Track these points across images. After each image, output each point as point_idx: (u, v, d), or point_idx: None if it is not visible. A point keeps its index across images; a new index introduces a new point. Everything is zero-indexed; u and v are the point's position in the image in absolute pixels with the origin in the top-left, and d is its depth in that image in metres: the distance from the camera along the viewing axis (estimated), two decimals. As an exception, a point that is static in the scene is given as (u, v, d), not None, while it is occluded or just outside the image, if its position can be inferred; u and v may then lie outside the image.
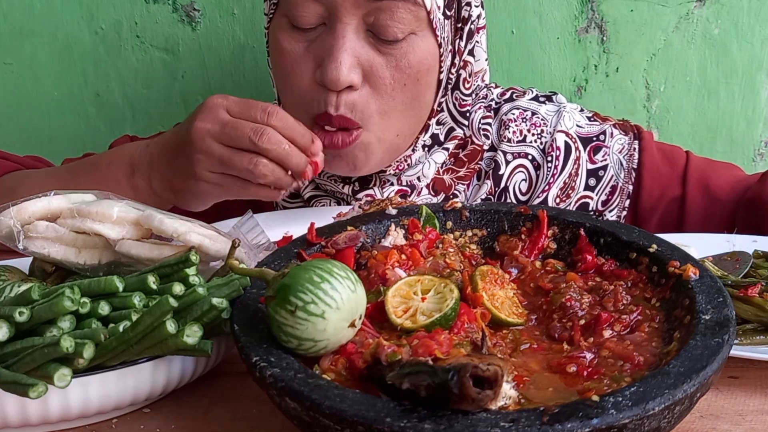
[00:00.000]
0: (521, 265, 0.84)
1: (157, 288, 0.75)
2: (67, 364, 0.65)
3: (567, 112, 1.25)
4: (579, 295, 0.77)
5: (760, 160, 1.65)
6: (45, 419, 0.68)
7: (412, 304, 0.72)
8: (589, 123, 1.26)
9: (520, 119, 1.24)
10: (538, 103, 1.27)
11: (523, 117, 1.25)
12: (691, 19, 1.57)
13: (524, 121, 1.24)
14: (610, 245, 0.82)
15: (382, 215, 0.87)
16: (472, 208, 0.89)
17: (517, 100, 1.27)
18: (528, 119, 1.25)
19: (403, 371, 0.58)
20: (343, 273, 0.66)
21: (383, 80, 1.08)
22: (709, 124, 1.63)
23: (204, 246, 0.82)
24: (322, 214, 1.02)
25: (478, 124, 1.24)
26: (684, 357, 0.63)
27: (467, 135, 1.23)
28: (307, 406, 0.59)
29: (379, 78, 1.07)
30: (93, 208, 0.83)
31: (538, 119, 1.25)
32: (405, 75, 1.08)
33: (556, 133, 1.23)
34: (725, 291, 0.72)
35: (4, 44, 1.56)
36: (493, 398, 0.57)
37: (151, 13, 1.54)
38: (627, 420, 0.57)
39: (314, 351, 0.66)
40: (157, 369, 0.71)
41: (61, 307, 0.68)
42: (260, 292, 0.72)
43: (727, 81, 1.61)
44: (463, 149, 1.23)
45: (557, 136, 1.23)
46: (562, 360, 0.69)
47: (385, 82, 1.08)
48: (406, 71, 1.08)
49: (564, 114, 1.25)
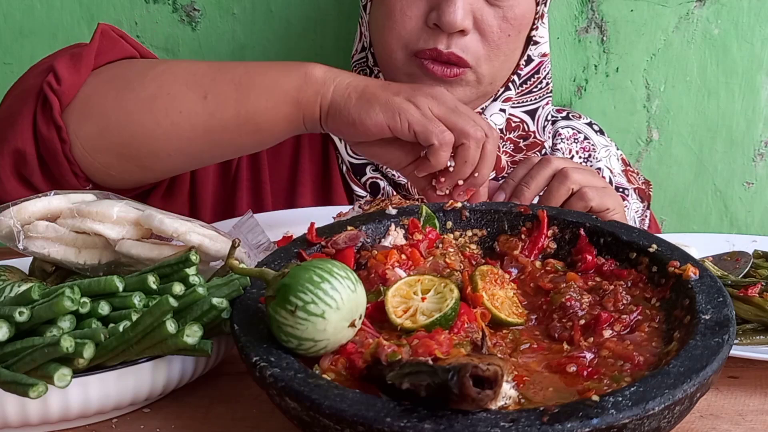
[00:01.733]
0: (521, 265, 0.84)
1: (157, 288, 0.75)
2: (67, 364, 0.65)
3: (614, 155, 1.36)
4: (579, 295, 0.77)
5: (760, 160, 1.65)
6: (45, 419, 0.68)
7: (412, 304, 0.72)
8: (621, 174, 1.35)
9: (572, 139, 1.34)
10: (592, 131, 1.37)
11: (575, 138, 1.34)
12: (691, 19, 1.57)
13: (575, 142, 1.34)
14: (610, 245, 0.82)
15: (382, 215, 0.87)
16: (472, 208, 0.89)
17: (573, 120, 1.37)
18: (579, 141, 1.34)
19: (403, 371, 0.58)
20: (343, 273, 0.66)
21: (491, 28, 1.15)
22: (709, 124, 1.63)
23: (204, 246, 0.82)
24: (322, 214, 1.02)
25: (543, 122, 1.32)
26: (684, 357, 0.63)
27: (531, 129, 1.30)
28: (307, 406, 0.59)
29: (488, 26, 1.15)
30: (93, 208, 0.83)
31: (589, 144, 1.35)
32: (510, 26, 1.17)
33: (603, 166, 1.32)
34: (725, 291, 0.72)
35: (4, 44, 1.56)
36: (493, 398, 0.57)
37: (151, 13, 1.54)
38: (627, 420, 0.57)
39: (314, 351, 0.66)
40: (157, 369, 0.71)
41: (61, 307, 0.68)
42: (260, 292, 0.72)
43: (727, 81, 1.61)
44: (525, 140, 1.30)
45: (603, 169, 1.31)
46: (562, 360, 0.69)
47: (493, 31, 1.15)
48: (512, 22, 1.17)
49: (612, 154, 1.36)
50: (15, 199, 1.01)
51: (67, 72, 1.01)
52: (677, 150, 1.64)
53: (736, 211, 1.68)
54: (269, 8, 1.52)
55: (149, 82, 1.01)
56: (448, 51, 1.13)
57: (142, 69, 1.05)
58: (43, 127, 1.00)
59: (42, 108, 1.00)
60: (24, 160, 1.02)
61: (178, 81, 1.01)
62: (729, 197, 1.67)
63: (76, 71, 1.02)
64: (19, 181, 1.04)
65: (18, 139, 1.01)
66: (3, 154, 1.02)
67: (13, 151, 1.01)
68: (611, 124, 1.57)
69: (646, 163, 1.65)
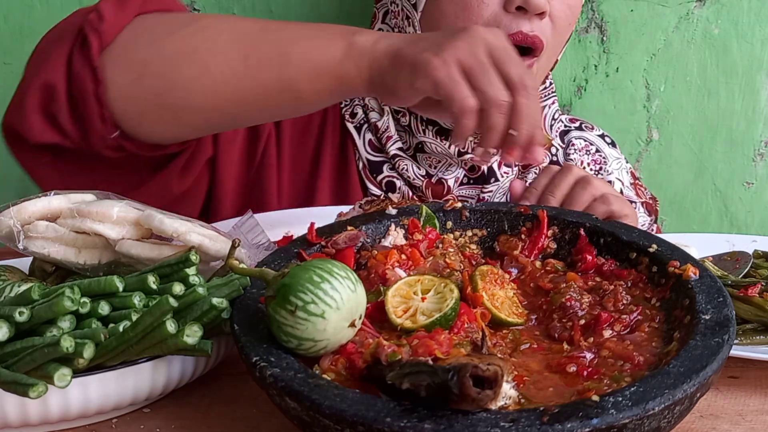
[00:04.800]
0: (521, 265, 0.84)
1: (157, 288, 0.75)
2: (67, 364, 0.65)
3: (624, 168, 1.37)
4: (579, 295, 0.77)
5: (760, 160, 1.65)
6: (45, 419, 0.68)
7: (412, 304, 0.72)
8: (629, 187, 1.36)
9: (584, 150, 1.35)
10: (604, 143, 1.38)
11: (587, 150, 1.35)
12: (691, 19, 1.57)
13: (587, 154, 1.35)
14: (610, 245, 0.82)
15: (382, 215, 0.87)
16: (472, 208, 0.89)
17: (586, 131, 1.38)
18: (591, 153, 1.35)
19: (403, 371, 0.58)
20: (343, 273, 0.66)
21: (561, 12, 1.16)
22: (709, 124, 1.63)
23: (204, 246, 0.82)
24: (322, 214, 1.02)
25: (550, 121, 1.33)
26: (684, 357, 0.63)
27: None
28: (307, 406, 0.59)
29: (560, 11, 1.15)
30: (93, 208, 0.83)
31: (600, 157, 1.35)
32: (572, 14, 1.17)
33: (614, 179, 1.33)
34: (725, 291, 0.72)
35: (4, 44, 1.56)
36: (493, 398, 0.57)
37: (151, 13, 1.54)
38: (627, 420, 0.57)
39: (314, 351, 0.66)
40: (157, 369, 0.71)
41: (61, 307, 0.68)
42: (260, 292, 0.72)
43: (727, 81, 1.61)
44: None
45: (615, 182, 1.32)
46: (562, 360, 0.69)
47: (561, 16, 1.16)
48: (574, 10, 1.18)
49: (623, 167, 1.36)
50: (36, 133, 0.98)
51: (112, 12, 0.98)
52: (677, 150, 1.64)
53: (736, 211, 1.68)
54: (269, 8, 1.51)
55: (192, 34, 0.98)
56: (533, 33, 1.12)
57: (186, 20, 1.02)
58: (78, 64, 0.97)
59: (80, 45, 0.97)
60: (53, 96, 0.97)
61: (221, 36, 0.97)
62: (729, 197, 1.67)
63: (120, 12, 0.99)
64: (44, 117, 0.99)
65: (50, 73, 0.97)
66: (32, 86, 0.98)
67: (43, 85, 0.98)
68: (611, 124, 1.57)
69: (646, 163, 1.65)
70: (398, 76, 0.91)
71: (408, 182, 1.25)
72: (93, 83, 0.96)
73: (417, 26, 1.20)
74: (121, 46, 0.97)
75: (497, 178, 1.27)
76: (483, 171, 1.26)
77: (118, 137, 0.99)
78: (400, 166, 1.25)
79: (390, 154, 1.25)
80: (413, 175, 1.24)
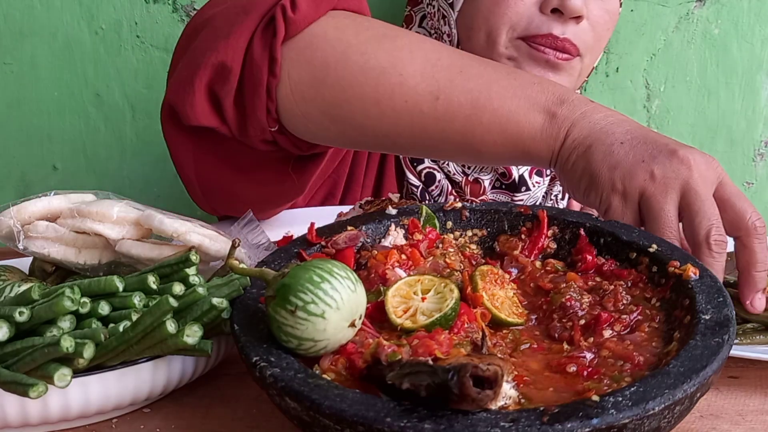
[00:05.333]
0: (521, 265, 0.84)
1: (157, 288, 0.75)
2: (67, 364, 0.65)
3: None
4: (579, 295, 0.77)
5: (760, 160, 1.65)
6: (45, 419, 0.68)
7: (412, 304, 0.72)
8: None
9: None
10: None
11: None
12: (691, 19, 1.57)
13: None
14: (610, 245, 0.82)
15: (382, 215, 0.87)
16: (472, 208, 0.89)
17: None
18: None
19: (403, 371, 0.58)
20: (343, 273, 0.66)
21: (599, 18, 1.16)
22: (709, 124, 1.63)
23: (204, 246, 0.82)
24: (322, 214, 1.03)
25: None
26: (684, 357, 0.63)
27: None
28: (307, 406, 0.59)
29: (597, 16, 1.16)
30: (93, 208, 0.83)
31: None
32: (611, 20, 1.18)
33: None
34: (725, 291, 0.72)
35: (4, 44, 1.56)
36: (493, 398, 0.57)
37: (151, 13, 1.54)
38: (627, 420, 0.57)
39: (314, 351, 0.66)
40: (157, 369, 0.71)
41: (61, 307, 0.68)
42: (260, 292, 0.72)
43: (727, 81, 1.61)
44: None
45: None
46: (562, 360, 0.69)
47: (599, 21, 1.16)
48: (612, 16, 1.19)
49: None
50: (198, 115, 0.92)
51: (308, 2, 0.90)
52: (677, 150, 1.64)
53: (736, 211, 1.67)
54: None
55: (385, 52, 0.90)
56: (563, 36, 1.13)
57: (381, 33, 0.93)
58: (257, 49, 0.90)
59: (264, 30, 0.90)
60: (226, 78, 0.90)
61: (414, 64, 0.89)
62: (729, 197, 1.67)
63: (314, 4, 0.91)
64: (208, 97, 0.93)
65: (229, 52, 0.90)
66: (206, 64, 0.91)
67: (218, 64, 0.90)
68: (611, 124, 1.57)
69: (646, 163, 1.65)
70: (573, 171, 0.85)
71: (448, 176, 1.24)
72: (269, 73, 0.90)
73: (453, 25, 1.21)
74: (306, 42, 0.91)
75: (528, 187, 1.26)
76: (514, 178, 1.26)
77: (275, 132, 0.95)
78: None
79: None
80: (453, 170, 1.23)
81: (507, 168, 1.25)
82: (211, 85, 0.92)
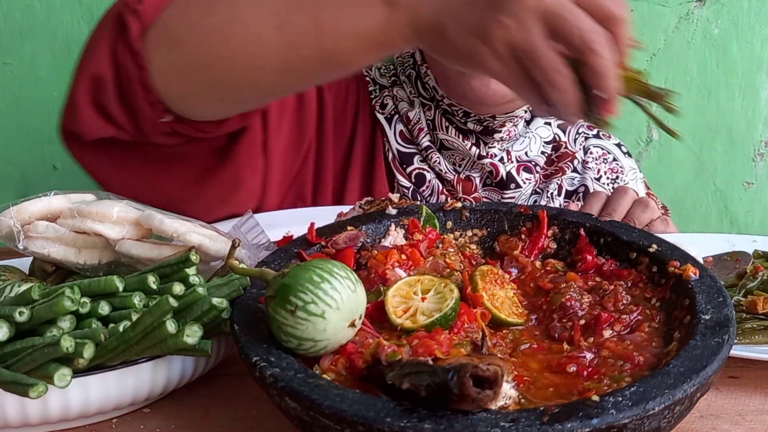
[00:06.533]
0: (521, 265, 0.84)
1: (157, 288, 0.75)
2: (67, 364, 0.65)
3: (639, 179, 1.37)
4: (579, 295, 0.77)
5: (760, 160, 1.65)
6: (45, 419, 0.68)
7: (412, 304, 0.72)
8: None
9: (601, 159, 1.35)
10: (621, 152, 1.37)
11: (605, 158, 1.35)
12: (691, 19, 1.57)
13: (604, 162, 1.34)
14: (610, 245, 0.82)
15: (382, 215, 0.87)
16: (472, 207, 0.89)
17: (603, 139, 1.37)
18: (608, 162, 1.35)
19: (403, 371, 0.58)
20: (343, 273, 0.66)
21: None
22: (709, 124, 1.63)
23: (204, 246, 0.82)
24: (322, 214, 1.02)
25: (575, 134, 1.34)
26: (684, 357, 0.63)
27: (562, 139, 1.32)
28: (307, 406, 0.59)
29: None
30: (93, 208, 0.83)
31: (617, 165, 1.35)
32: None
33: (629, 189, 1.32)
34: (725, 291, 0.72)
35: (4, 44, 1.56)
36: (493, 398, 0.57)
37: (151, 13, 1.54)
38: (627, 420, 0.57)
39: (314, 351, 0.66)
40: (157, 369, 0.71)
41: (61, 307, 0.68)
42: (260, 292, 0.72)
43: (727, 81, 1.61)
44: (556, 151, 1.32)
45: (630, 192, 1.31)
46: (562, 360, 0.69)
47: None
48: None
49: (638, 177, 1.36)
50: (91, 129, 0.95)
51: None
52: (677, 150, 1.65)
53: (736, 211, 1.68)
54: None
55: (227, 7, 0.91)
56: None
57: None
58: (120, 51, 0.94)
59: (120, 31, 0.94)
60: (101, 86, 0.95)
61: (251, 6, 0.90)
62: (729, 197, 1.67)
63: None
64: (96, 111, 0.97)
65: (96, 64, 0.95)
66: (81, 81, 0.96)
67: (92, 77, 0.95)
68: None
69: (646, 163, 1.65)
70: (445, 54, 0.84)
71: (439, 175, 1.24)
72: (136, 67, 0.93)
73: None
74: (161, 26, 0.93)
75: (518, 185, 1.27)
76: (502, 176, 1.26)
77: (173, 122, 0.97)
78: (432, 158, 1.24)
79: (422, 146, 1.25)
80: (445, 168, 1.23)
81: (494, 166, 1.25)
82: (93, 98, 0.97)
